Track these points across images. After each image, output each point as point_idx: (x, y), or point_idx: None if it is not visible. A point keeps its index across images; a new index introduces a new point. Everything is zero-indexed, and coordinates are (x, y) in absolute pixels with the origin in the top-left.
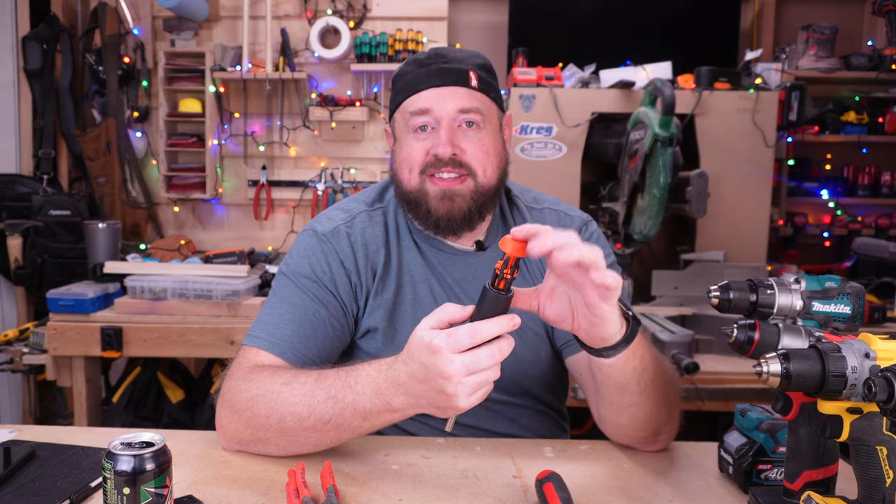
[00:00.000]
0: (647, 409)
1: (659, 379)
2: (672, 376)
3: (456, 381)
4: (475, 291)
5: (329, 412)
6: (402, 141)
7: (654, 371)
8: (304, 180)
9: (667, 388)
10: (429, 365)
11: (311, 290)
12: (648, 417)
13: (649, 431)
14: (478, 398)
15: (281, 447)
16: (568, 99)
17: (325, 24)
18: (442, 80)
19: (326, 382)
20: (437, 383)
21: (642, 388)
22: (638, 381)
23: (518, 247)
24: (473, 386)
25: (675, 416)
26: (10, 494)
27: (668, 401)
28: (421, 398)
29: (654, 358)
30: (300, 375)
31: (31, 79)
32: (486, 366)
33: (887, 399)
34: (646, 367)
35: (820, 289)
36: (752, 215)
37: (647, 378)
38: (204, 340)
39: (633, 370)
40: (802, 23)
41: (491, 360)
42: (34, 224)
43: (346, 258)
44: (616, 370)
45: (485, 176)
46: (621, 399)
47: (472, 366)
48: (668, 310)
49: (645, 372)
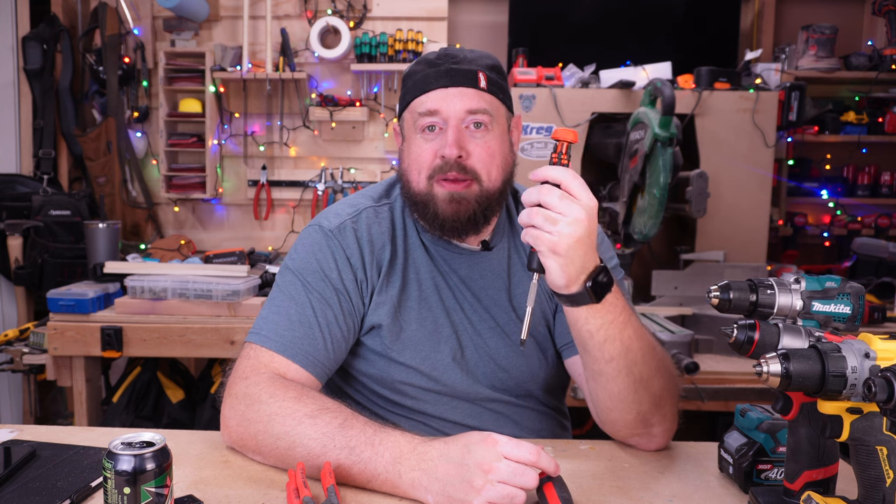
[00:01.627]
0: (620, 385)
1: (635, 358)
2: (661, 365)
3: (490, 478)
4: (480, 290)
5: (340, 460)
6: (411, 141)
7: (623, 346)
8: (304, 180)
9: (650, 373)
10: (474, 452)
11: (319, 290)
12: (623, 398)
13: (632, 416)
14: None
15: (272, 462)
16: (568, 99)
17: (325, 24)
18: (451, 81)
19: (350, 432)
20: (470, 472)
21: (607, 359)
22: (599, 347)
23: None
24: (500, 496)
25: (665, 408)
26: (11, 494)
27: (650, 388)
28: (437, 481)
29: (633, 336)
30: (326, 413)
31: (31, 79)
32: (522, 484)
33: (887, 399)
34: (610, 337)
35: (820, 289)
36: (751, 215)
37: (614, 349)
38: (204, 340)
39: (589, 334)
40: (802, 23)
41: (530, 484)
42: (34, 224)
43: (352, 255)
44: (577, 328)
45: (489, 180)
46: (589, 364)
47: (514, 477)
48: (668, 310)
49: (609, 342)
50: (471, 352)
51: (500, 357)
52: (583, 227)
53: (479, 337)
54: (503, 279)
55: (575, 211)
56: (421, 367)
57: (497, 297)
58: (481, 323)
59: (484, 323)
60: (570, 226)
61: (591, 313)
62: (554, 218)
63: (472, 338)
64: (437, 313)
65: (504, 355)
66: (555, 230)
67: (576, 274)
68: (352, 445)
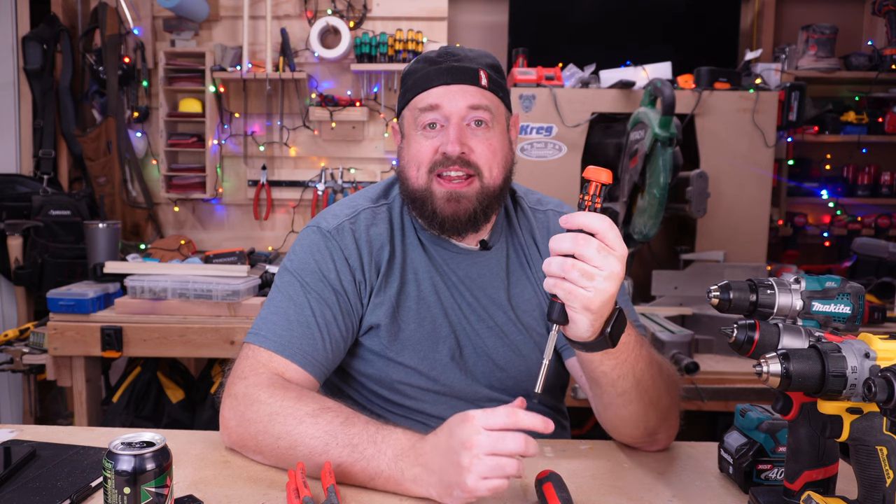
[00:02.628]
0: (631, 410)
1: (646, 385)
2: (669, 382)
3: (475, 453)
4: (479, 290)
5: (342, 459)
6: (410, 138)
7: (635, 379)
8: (304, 180)
9: (659, 394)
10: (455, 433)
11: (318, 290)
12: (633, 419)
13: (640, 431)
14: (488, 487)
15: (273, 462)
16: (568, 99)
17: (325, 24)
18: (453, 78)
19: (352, 430)
20: (456, 455)
21: (619, 392)
22: (613, 384)
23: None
24: (489, 468)
25: (671, 420)
26: (11, 494)
27: (659, 406)
28: (434, 473)
29: (645, 368)
30: (327, 412)
31: (31, 79)
32: (509, 451)
33: (887, 399)
34: (624, 374)
35: (820, 289)
36: (751, 215)
37: (627, 384)
38: (204, 340)
39: (602, 374)
40: (802, 23)
41: (515, 447)
42: (34, 224)
43: (350, 256)
44: (590, 369)
45: (491, 176)
46: (600, 395)
47: (496, 445)
48: (668, 310)
49: (622, 378)
50: (469, 351)
51: (499, 357)
52: (618, 281)
53: (477, 337)
54: (501, 279)
55: (612, 265)
56: (419, 367)
57: (495, 297)
58: (479, 323)
59: (482, 322)
60: (606, 280)
61: (605, 356)
62: (591, 273)
63: (470, 337)
64: (435, 313)
65: (502, 355)
66: (591, 286)
67: (601, 323)
68: (354, 443)
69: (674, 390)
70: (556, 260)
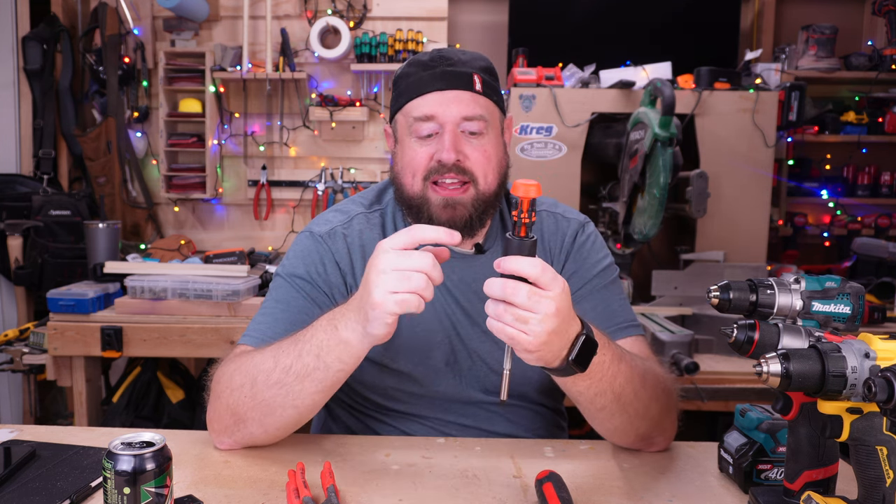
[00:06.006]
0: (616, 422)
1: (628, 399)
2: (657, 390)
3: (380, 269)
4: (474, 293)
5: (290, 357)
6: (405, 144)
7: (614, 394)
8: (304, 180)
9: (645, 404)
10: (370, 264)
11: (305, 290)
12: (619, 430)
13: (631, 438)
14: (396, 301)
15: (258, 422)
16: (568, 99)
17: (325, 24)
18: (447, 84)
19: (297, 335)
20: (368, 280)
21: (598, 408)
22: (590, 402)
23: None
24: (395, 280)
25: (665, 424)
26: (11, 494)
27: (647, 415)
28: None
29: (624, 382)
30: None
31: (31, 79)
32: (414, 266)
33: (887, 399)
34: (601, 391)
35: (820, 289)
36: (751, 215)
37: (605, 400)
38: (204, 340)
39: (578, 393)
40: (802, 23)
41: (420, 263)
42: (34, 224)
43: (341, 259)
44: (565, 388)
45: (486, 182)
46: (582, 410)
47: (401, 261)
48: (668, 310)
49: (599, 396)
50: (463, 356)
51: (493, 361)
52: (555, 320)
53: (471, 341)
54: None
55: (545, 306)
56: (413, 374)
57: None
58: (474, 327)
59: (477, 327)
60: (541, 323)
61: (577, 379)
62: (524, 318)
63: (464, 342)
64: (429, 319)
65: (496, 359)
66: (527, 329)
67: (554, 356)
68: (296, 338)
69: (665, 397)
70: (490, 305)
